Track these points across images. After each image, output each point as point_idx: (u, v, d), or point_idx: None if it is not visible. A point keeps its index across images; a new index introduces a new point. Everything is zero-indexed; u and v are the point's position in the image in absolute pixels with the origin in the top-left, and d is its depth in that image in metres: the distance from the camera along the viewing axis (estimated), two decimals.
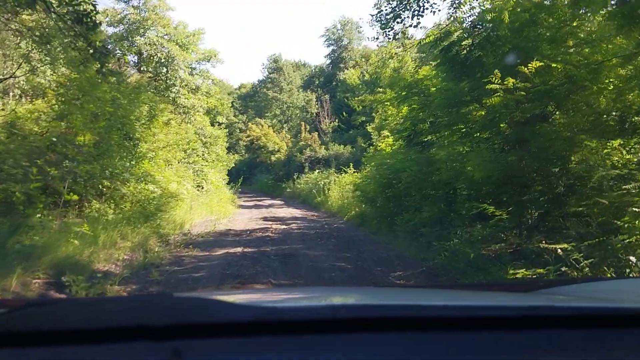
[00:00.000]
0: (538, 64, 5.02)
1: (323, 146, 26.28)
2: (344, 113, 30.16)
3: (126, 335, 0.89)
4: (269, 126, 35.52)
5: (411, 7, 6.97)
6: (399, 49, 9.83)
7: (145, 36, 18.72)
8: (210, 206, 14.41)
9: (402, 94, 7.47)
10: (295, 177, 24.00)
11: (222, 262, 6.72)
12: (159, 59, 18.29)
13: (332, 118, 31.08)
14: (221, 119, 24.01)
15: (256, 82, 45.96)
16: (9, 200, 6.36)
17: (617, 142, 5.10)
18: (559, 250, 3.83)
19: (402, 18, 7.11)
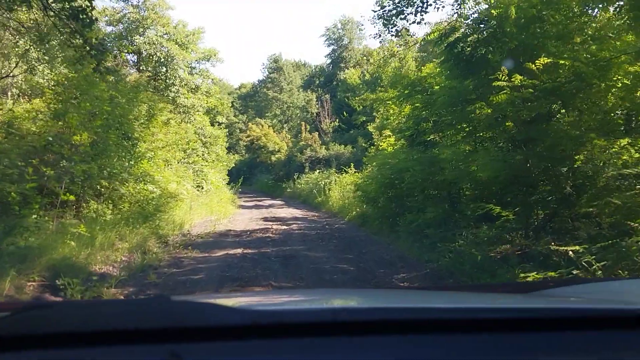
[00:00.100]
0: (546, 61, 4.89)
1: (323, 146, 26.16)
2: (345, 113, 30.05)
3: (124, 338, 0.89)
4: (269, 126, 35.41)
5: (414, 3, 6.83)
6: (401, 47, 9.70)
7: (145, 35, 18.60)
8: (210, 206, 14.28)
9: (405, 92, 7.33)
10: (295, 177, 23.88)
11: (222, 264, 6.59)
12: (159, 58, 18.17)
13: (333, 118, 30.96)
14: (221, 119, 23.89)
15: (256, 82, 45.90)
16: (4, 200, 6.24)
17: (625, 141, 4.98)
18: (570, 252, 3.70)
19: (405, 14, 6.97)
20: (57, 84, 8.81)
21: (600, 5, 5.33)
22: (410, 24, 7.08)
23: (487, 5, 5.88)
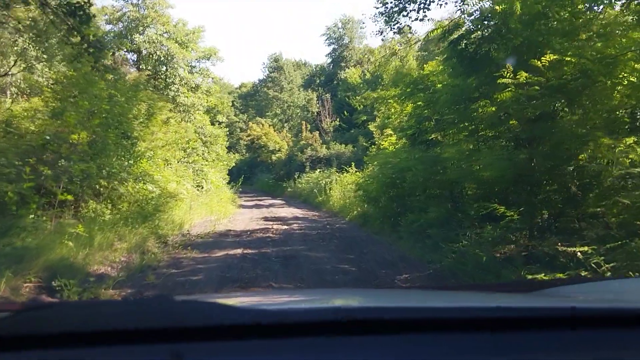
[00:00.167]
0: (552, 57, 4.79)
1: (324, 145, 26.06)
2: (345, 112, 29.95)
3: (125, 338, 0.89)
4: (270, 125, 35.30)
5: (417, 0, 6.73)
6: (403, 45, 9.61)
7: (145, 34, 18.51)
8: (210, 206, 14.18)
9: (407, 91, 7.24)
10: (296, 177, 23.79)
11: (222, 265, 6.51)
12: (159, 57, 18.08)
13: (333, 117, 30.86)
14: (221, 118, 23.82)
15: (257, 82, 45.77)
16: (1, 200, 6.16)
17: (631, 140, 4.89)
18: (579, 253, 3.61)
19: (408, 11, 6.88)
20: (56, 82, 8.74)
21: (607, 2, 5.23)
22: (412, 21, 6.99)
23: (491, 2, 5.78)
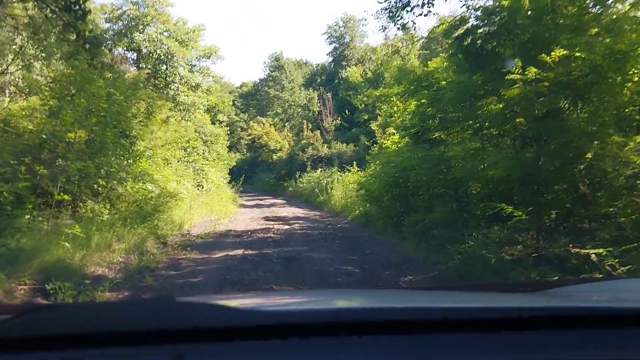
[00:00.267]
0: (562, 53, 4.64)
1: (325, 145, 25.92)
2: (347, 111, 29.79)
3: (128, 339, 0.90)
4: (271, 125, 35.14)
5: None
6: (405, 43, 9.45)
7: (145, 32, 18.37)
8: (210, 206, 14.05)
9: (411, 88, 7.09)
10: (297, 176, 23.64)
11: (222, 266, 6.37)
12: (159, 55, 17.94)
13: (335, 116, 30.71)
14: (222, 117, 23.68)
15: (258, 81, 45.60)
16: None
17: None
18: (593, 255, 3.47)
19: (412, 7, 6.72)
20: (53, 80, 8.60)
21: None
22: (417, 17, 6.84)
23: None
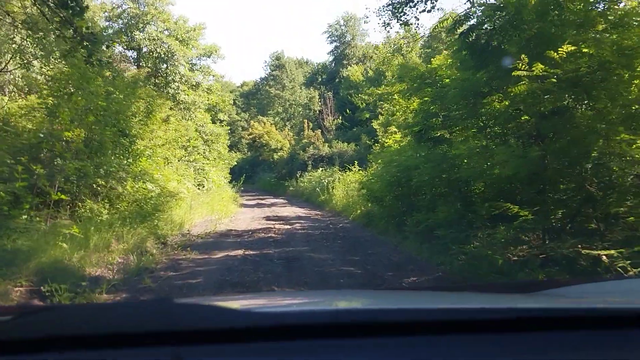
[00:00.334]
0: (570, 48, 4.53)
1: (326, 144, 25.81)
2: (348, 110, 29.69)
3: (126, 340, 0.89)
4: (272, 124, 35.05)
5: None
6: (408, 40, 9.33)
7: (145, 31, 18.27)
8: (211, 205, 13.94)
9: (414, 86, 6.97)
10: (298, 176, 23.54)
11: (222, 267, 6.26)
12: (159, 54, 17.84)
13: (336, 115, 30.60)
14: (223, 116, 23.57)
15: (258, 80, 45.50)
16: None
17: None
18: (604, 257, 3.36)
19: (415, 2, 6.59)
20: (52, 79, 8.49)
21: None
22: (420, 12, 6.71)
23: None
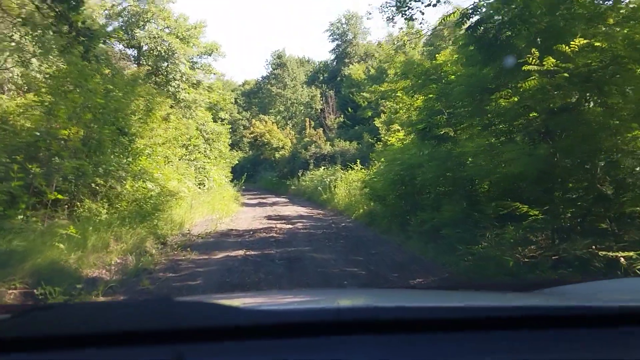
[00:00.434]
0: (582, 42, 4.37)
1: (328, 142, 25.69)
2: (349, 109, 29.54)
3: (128, 339, 0.89)
4: (273, 123, 34.90)
5: None
6: (411, 37, 9.17)
7: (145, 29, 18.13)
8: (212, 204, 13.80)
9: (418, 82, 6.82)
10: (300, 174, 23.40)
11: (222, 268, 6.12)
12: (159, 52, 17.70)
13: (337, 114, 30.47)
14: (224, 115, 23.43)
15: (260, 79, 45.33)
16: None
17: None
18: (622, 258, 3.21)
19: None
20: (50, 76, 8.37)
21: None
22: (425, 7, 6.56)
23: None
